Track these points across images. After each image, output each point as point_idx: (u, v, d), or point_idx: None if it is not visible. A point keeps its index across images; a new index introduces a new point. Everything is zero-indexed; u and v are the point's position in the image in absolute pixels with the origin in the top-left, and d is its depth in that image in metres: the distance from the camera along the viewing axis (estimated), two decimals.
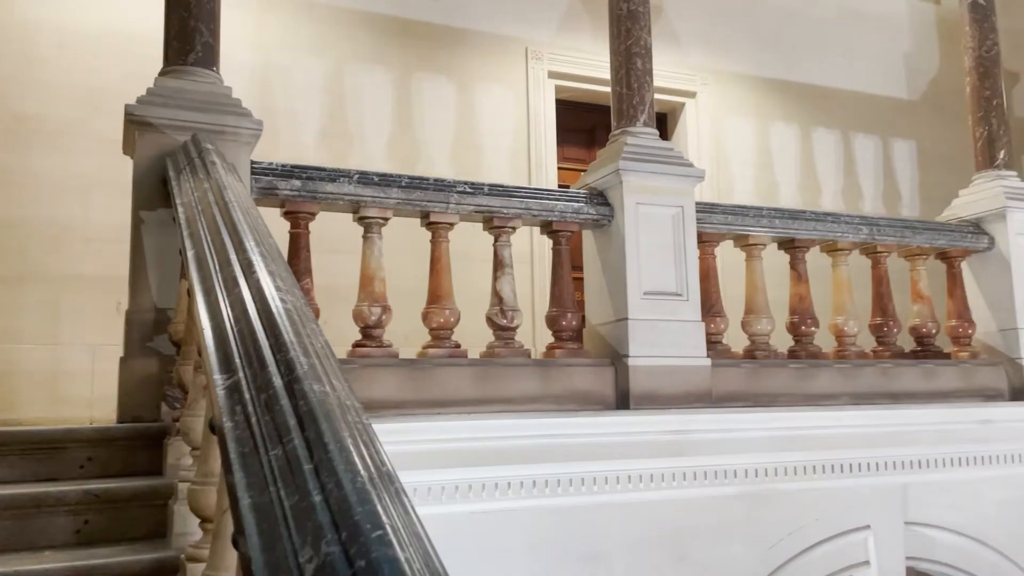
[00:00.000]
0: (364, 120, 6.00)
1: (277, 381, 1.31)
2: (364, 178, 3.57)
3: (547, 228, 4.10)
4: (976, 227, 5.02)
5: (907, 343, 4.81)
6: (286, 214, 3.56)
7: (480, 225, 4.00)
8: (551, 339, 4.06)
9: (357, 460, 1.10)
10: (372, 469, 1.11)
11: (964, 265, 5.02)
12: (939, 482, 4.45)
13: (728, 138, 7.31)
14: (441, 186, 3.74)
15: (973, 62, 5.32)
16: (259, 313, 1.54)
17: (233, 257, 1.80)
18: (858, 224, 4.64)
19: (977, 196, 5.13)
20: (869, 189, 7.76)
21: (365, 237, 3.66)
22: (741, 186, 7.24)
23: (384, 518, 0.98)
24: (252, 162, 3.41)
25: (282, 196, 3.46)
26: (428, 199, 3.69)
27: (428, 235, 3.86)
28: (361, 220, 3.65)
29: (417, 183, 3.69)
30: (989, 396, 4.73)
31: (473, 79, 6.45)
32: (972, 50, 5.33)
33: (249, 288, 1.65)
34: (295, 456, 1.13)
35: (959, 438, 4.49)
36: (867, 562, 4.19)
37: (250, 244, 1.83)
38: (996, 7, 5.46)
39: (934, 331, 4.80)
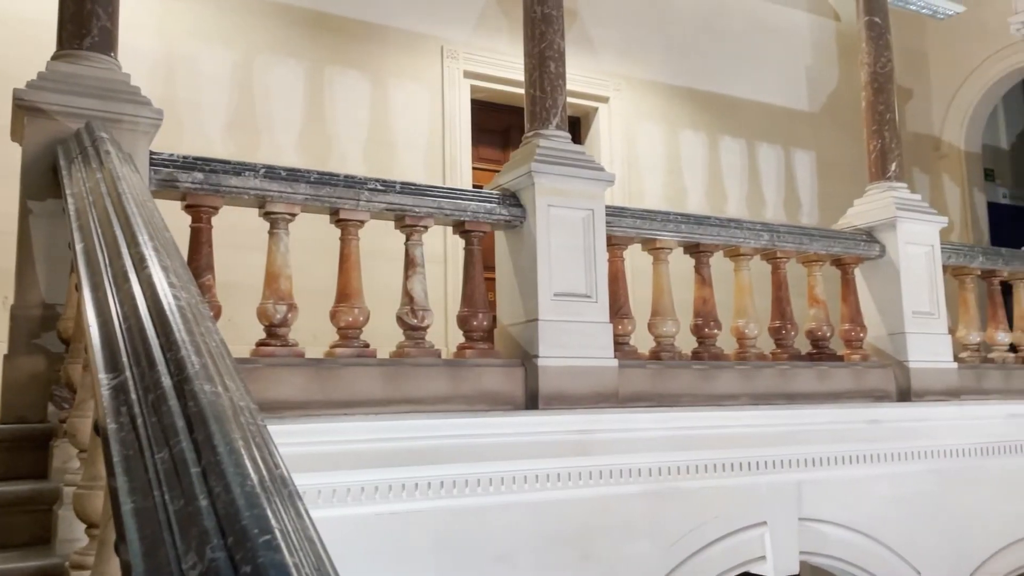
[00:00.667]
0: (274, 113, 5.86)
1: (166, 381, 1.26)
2: (271, 172, 3.48)
3: (459, 228, 4.09)
4: (869, 235, 5.26)
5: (804, 345, 5.01)
6: (187, 208, 3.43)
7: (392, 223, 3.96)
8: (463, 339, 4.05)
9: (248, 463, 1.06)
10: (264, 472, 1.08)
11: (857, 271, 5.26)
12: (831, 479, 4.66)
13: (640, 143, 7.47)
14: (351, 183, 3.68)
15: (869, 77, 5.58)
16: (150, 310, 1.48)
17: (125, 251, 1.73)
18: (759, 230, 4.80)
19: (870, 206, 5.39)
20: (772, 196, 8.06)
21: (271, 233, 3.57)
22: (651, 191, 7.40)
23: (274, 522, 0.95)
24: (151, 153, 3.28)
25: (183, 189, 3.34)
26: (338, 195, 3.63)
27: (339, 232, 3.80)
28: (267, 215, 3.56)
29: (327, 179, 3.62)
30: (878, 397, 4.97)
31: (388, 75, 6.38)
32: (868, 66, 5.59)
33: (140, 284, 1.58)
34: (182, 459, 1.08)
35: (850, 437, 4.71)
36: (763, 557, 4.34)
37: (143, 238, 1.76)
38: (891, 26, 5.75)
39: (829, 334, 5.01)
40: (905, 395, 5.02)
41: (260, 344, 3.48)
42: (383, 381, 3.60)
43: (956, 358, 5.35)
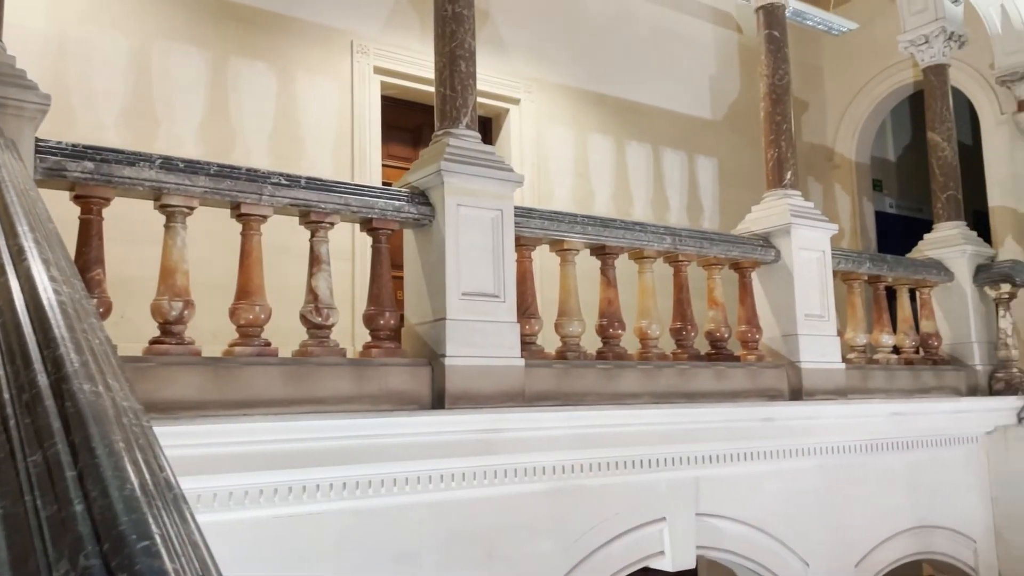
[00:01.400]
0: (174, 103, 5.64)
1: (42, 380, 1.19)
2: (168, 163, 3.35)
3: (367, 225, 4.03)
4: (765, 241, 5.47)
5: (704, 346, 5.17)
6: (76, 198, 3.27)
7: (298, 219, 3.87)
8: (369, 338, 4.00)
9: (129, 466, 1.02)
10: (147, 475, 1.04)
11: (754, 275, 5.46)
12: (727, 476, 4.82)
13: (549, 146, 7.54)
14: (254, 176, 3.58)
15: (767, 89, 5.80)
16: (27, 305, 1.40)
17: (1, 243, 1.63)
18: (663, 234, 4.92)
19: (767, 212, 5.60)
20: (675, 201, 8.28)
21: (167, 227, 3.44)
22: (560, 193, 7.49)
23: (154, 527, 0.91)
24: (37, 140, 3.10)
25: (72, 178, 3.18)
26: (239, 189, 3.52)
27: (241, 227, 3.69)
28: (163, 208, 3.43)
29: (228, 172, 3.51)
30: (772, 396, 5.17)
31: (296, 68, 6.24)
32: (767, 78, 5.81)
33: (18, 277, 1.49)
34: (57, 462, 1.03)
35: (745, 435, 4.88)
36: (662, 552, 4.46)
37: (23, 229, 1.66)
38: (789, 41, 6.00)
39: (727, 335, 5.19)
40: (797, 394, 5.24)
41: (154, 342, 3.35)
42: (285, 381, 3.52)
43: (844, 359, 5.62)
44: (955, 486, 6.12)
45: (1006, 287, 6.46)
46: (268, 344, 3.59)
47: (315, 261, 3.79)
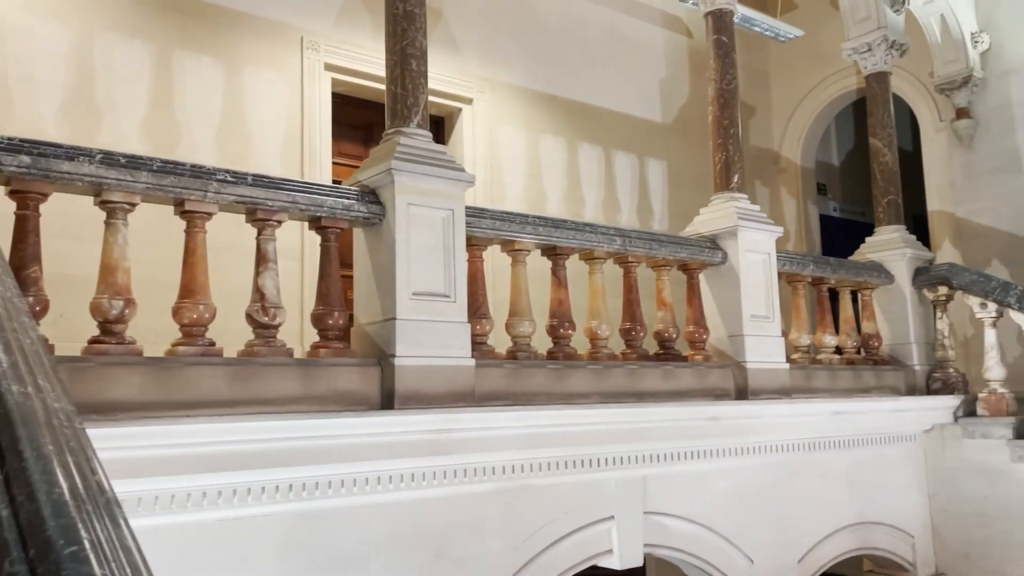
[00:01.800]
0: (117, 96, 5.50)
1: None
2: (108, 159, 3.26)
3: (316, 224, 3.99)
4: (713, 243, 5.56)
5: (652, 346, 5.23)
6: (12, 193, 3.16)
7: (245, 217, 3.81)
8: (318, 338, 3.95)
9: (58, 469, 0.99)
10: (77, 479, 1.01)
11: (702, 276, 5.54)
12: (674, 474, 4.89)
13: (502, 146, 7.55)
14: (199, 172, 3.51)
15: (715, 93, 5.90)
16: None
17: None
18: (613, 235, 4.97)
19: (715, 215, 5.69)
20: (626, 203, 8.36)
21: (108, 223, 3.35)
22: (513, 193, 7.51)
23: (83, 532, 0.89)
24: None
25: (7, 173, 3.08)
26: (183, 186, 3.45)
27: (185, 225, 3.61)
28: (103, 204, 3.34)
29: (171, 168, 3.43)
30: (718, 395, 5.26)
31: (244, 63, 6.14)
32: (715, 82, 5.91)
33: None
34: None
35: (692, 434, 4.95)
36: (610, 551, 4.50)
37: None
38: (737, 46, 6.11)
39: (675, 336, 5.25)
40: (743, 393, 5.33)
41: (93, 341, 3.26)
42: (230, 381, 3.46)
43: (788, 359, 5.73)
44: (894, 483, 6.29)
45: (943, 290, 6.66)
46: (213, 344, 3.53)
47: (262, 260, 3.74)
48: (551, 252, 4.77)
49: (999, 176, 8.33)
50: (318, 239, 4.05)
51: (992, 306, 6.32)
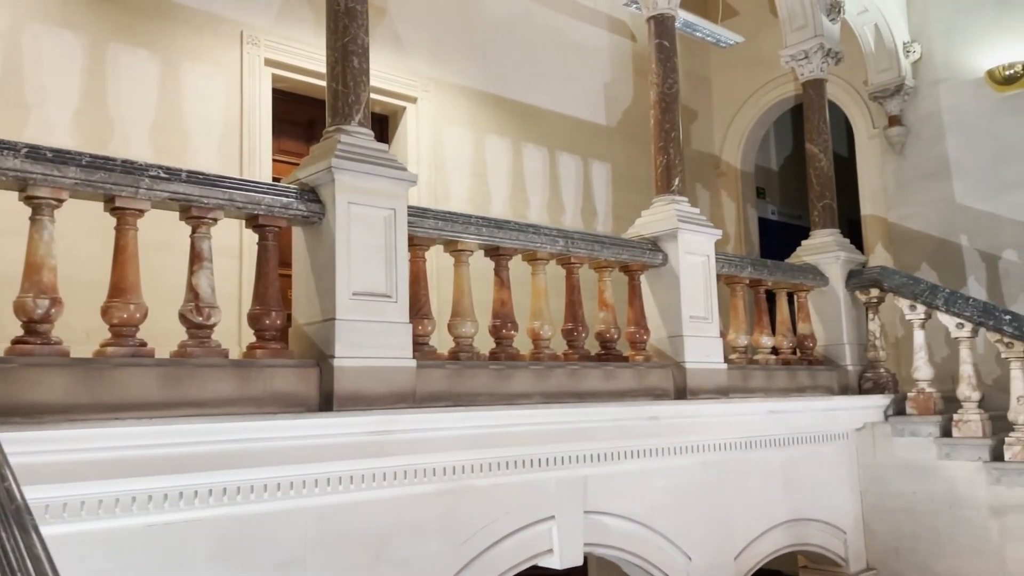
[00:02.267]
0: (46, 88, 5.32)
1: None
2: (34, 152, 3.14)
3: (253, 222, 3.90)
4: (654, 244, 5.62)
5: (594, 347, 5.26)
6: None
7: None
8: (255, 339, 3.88)
9: None
10: None
11: (643, 278, 5.60)
12: (614, 474, 4.93)
13: (447, 146, 7.53)
14: (131, 168, 3.40)
15: (657, 97, 5.97)
16: None
17: None
18: (555, 236, 4.99)
19: (656, 217, 5.76)
20: (570, 204, 8.41)
21: (33, 220, 3.22)
22: (457, 193, 7.49)
23: None
24: None
25: None
26: (114, 182, 3.34)
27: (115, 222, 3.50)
28: (29, 200, 3.22)
29: (101, 163, 3.32)
30: (658, 395, 5.32)
31: (182, 57, 6.00)
32: (657, 86, 5.98)
33: None
34: None
35: (632, 433, 5.00)
36: (551, 550, 4.52)
37: None
38: (679, 51, 6.19)
39: (616, 336, 5.30)
40: (682, 393, 5.40)
41: (17, 342, 3.14)
42: (162, 383, 3.37)
43: (726, 359, 5.83)
44: (828, 481, 6.46)
45: (875, 292, 6.86)
46: (144, 344, 3.43)
47: (196, 258, 3.65)
48: (494, 253, 4.76)
49: (929, 183, 8.64)
50: (256, 238, 3.97)
51: (921, 308, 6.54)
